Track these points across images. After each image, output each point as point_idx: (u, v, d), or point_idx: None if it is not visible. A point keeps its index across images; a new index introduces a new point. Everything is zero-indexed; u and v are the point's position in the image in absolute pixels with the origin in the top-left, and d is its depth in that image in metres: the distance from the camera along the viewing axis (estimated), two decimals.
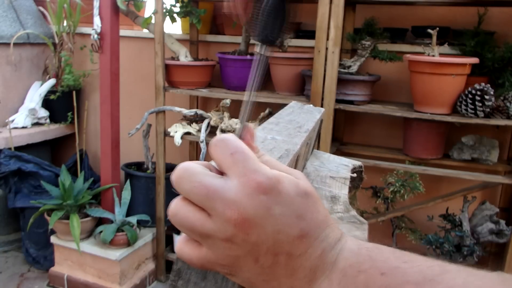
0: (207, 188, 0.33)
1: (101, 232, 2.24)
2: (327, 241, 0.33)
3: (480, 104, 1.74)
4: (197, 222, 0.33)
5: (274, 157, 0.50)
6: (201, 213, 0.33)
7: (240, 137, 0.37)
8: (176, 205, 0.34)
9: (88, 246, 2.25)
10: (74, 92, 2.58)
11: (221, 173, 0.35)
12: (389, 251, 0.33)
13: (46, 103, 2.71)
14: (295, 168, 0.59)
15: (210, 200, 0.32)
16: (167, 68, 2.25)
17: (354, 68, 1.98)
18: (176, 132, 2.25)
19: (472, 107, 1.76)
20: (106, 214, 2.32)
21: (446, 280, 0.30)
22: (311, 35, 2.02)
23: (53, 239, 2.33)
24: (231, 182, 0.33)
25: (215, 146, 0.35)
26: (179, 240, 0.36)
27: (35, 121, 2.68)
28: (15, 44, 2.53)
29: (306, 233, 0.33)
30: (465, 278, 0.30)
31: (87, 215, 2.29)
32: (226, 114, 2.26)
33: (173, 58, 2.30)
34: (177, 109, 2.28)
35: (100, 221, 2.38)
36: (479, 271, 0.31)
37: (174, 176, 0.34)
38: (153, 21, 2.20)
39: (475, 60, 1.77)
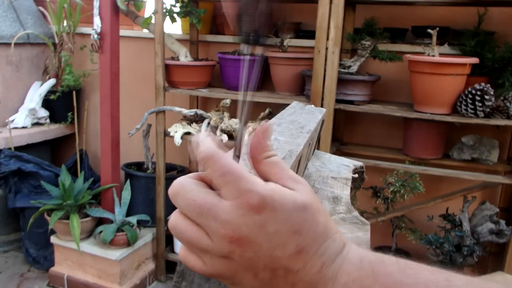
0: (201, 207, 0.33)
1: (101, 232, 2.24)
2: (327, 254, 0.33)
3: (480, 104, 1.75)
4: (194, 237, 0.34)
5: None
6: (198, 229, 0.34)
7: (241, 137, 0.37)
8: (175, 218, 0.35)
9: (88, 246, 2.25)
10: (74, 92, 2.58)
11: None
12: (392, 263, 0.33)
13: (46, 103, 2.70)
14: (297, 168, 0.59)
15: (204, 219, 0.33)
16: (167, 68, 2.25)
17: (354, 68, 1.98)
18: (176, 132, 2.25)
19: (472, 107, 1.76)
20: (106, 214, 2.32)
21: None
22: (311, 35, 2.02)
23: (53, 239, 2.33)
24: (225, 202, 0.33)
25: (204, 165, 0.34)
26: (182, 247, 0.36)
27: (35, 121, 2.68)
28: (15, 44, 2.53)
29: (302, 249, 0.32)
30: None
31: (87, 215, 2.29)
32: (226, 114, 2.26)
33: (173, 58, 2.30)
34: (177, 109, 2.28)
35: (100, 221, 2.37)
36: (486, 284, 0.31)
37: (171, 191, 0.35)
38: (153, 21, 2.20)
39: (475, 60, 1.77)
